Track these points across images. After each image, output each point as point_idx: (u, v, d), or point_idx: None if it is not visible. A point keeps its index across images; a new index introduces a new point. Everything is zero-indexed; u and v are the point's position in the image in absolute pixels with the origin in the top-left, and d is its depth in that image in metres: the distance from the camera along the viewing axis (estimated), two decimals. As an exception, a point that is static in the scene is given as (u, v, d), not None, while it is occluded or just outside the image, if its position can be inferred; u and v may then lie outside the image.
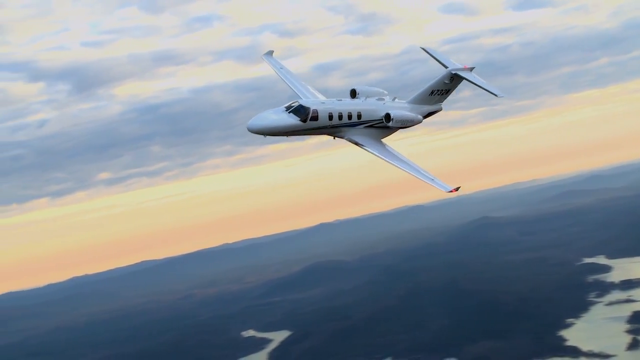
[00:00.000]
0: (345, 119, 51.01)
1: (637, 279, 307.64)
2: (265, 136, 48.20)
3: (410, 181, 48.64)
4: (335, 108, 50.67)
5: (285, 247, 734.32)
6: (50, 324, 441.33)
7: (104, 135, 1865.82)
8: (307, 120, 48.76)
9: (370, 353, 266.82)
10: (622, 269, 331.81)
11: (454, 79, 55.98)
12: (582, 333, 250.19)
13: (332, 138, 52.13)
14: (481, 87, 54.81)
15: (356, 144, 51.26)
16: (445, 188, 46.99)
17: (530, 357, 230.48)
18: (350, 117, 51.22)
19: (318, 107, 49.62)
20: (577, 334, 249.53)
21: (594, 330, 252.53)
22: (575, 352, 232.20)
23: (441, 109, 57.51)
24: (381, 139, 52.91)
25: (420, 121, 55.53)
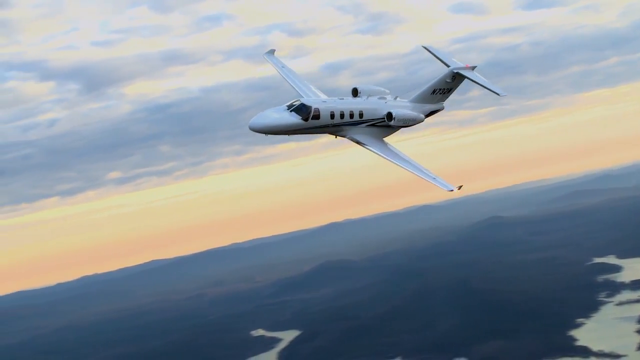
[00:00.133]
0: (347, 118, 50.56)
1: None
2: (267, 135, 47.59)
3: (419, 181, 47.84)
4: (337, 107, 50.22)
5: (295, 247, 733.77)
6: (59, 322, 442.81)
7: (113, 134, 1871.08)
8: (309, 119, 48.28)
9: (380, 352, 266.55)
10: (633, 268, 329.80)
11: (456, 78, 55.71)
12: (593, 333, 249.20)
13: (334, 137, 51.66)
14: (483, 87, 54.36)
15: (358, 142, 50.83)
16: (447, 187, 46.50)
17: (540, 357, 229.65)
18: (352, 116, 50.77)
19: (320, 106, 49.12)
20: (588, 334, 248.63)
21: (604, 330, 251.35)
22: (586, 352, 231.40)
23: (443, 108, 57.19)
24: (383, 138, 52.50)
25: (422, 120, 55.20)
